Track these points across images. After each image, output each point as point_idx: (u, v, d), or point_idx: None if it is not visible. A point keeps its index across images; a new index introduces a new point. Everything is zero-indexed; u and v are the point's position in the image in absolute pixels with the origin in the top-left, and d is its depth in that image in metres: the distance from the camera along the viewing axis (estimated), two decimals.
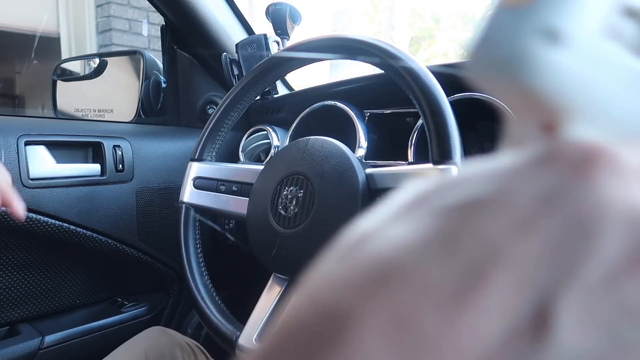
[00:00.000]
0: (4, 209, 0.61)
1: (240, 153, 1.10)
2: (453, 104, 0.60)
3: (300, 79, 1.17)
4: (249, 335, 0.61)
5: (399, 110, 0.94)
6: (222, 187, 0.74)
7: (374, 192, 0.58)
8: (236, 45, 1.05)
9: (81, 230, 0.90)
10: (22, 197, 0.82)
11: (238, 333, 0.62)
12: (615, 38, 0.15)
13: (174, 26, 1.09)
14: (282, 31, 1.03)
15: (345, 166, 0.60)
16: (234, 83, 1.00)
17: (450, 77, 0.75)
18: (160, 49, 1.16)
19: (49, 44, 3.35)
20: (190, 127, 1.14)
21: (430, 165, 0.55)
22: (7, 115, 0.94)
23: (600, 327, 0.11)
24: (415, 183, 0.15)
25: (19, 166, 0.83)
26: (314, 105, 1.00)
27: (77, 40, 3.42)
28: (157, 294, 1.09)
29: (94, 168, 0.94)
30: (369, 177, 0.59)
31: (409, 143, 0.86)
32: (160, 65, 1.19)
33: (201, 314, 0.67)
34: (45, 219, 0.86)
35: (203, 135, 0.76)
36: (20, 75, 3.36)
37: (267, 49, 1.04)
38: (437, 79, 0.58)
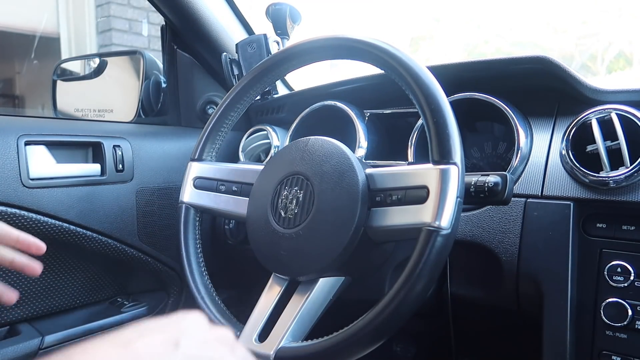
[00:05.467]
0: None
1: (240, 153, 1.10)
2: (453, 104, 0.60)
3: (300, 79, 1.17)
4: (249, 335, 0.61)
5: (399, 110, 0.94)
6: (222, 187, 0.74)
7: (373, 192, 0.58)
8: (236, 45, 1.05)
9: (81, 230, 0.90)
10: (22, 197, 0.83)
11: (238, 333, 0.62)
12: None
13: (174, 26, 1.09)
14: (282, 31, 1.03)
15: (345, 166, 0.60)
16: (234, 83, 1.00)
17: (450, 77, 0.76)
18: (160, 49, 1.16)
19: (49, 44, 3.35)
20: (190, 127, 1.14)
21: (430, 165, 0.54)
22: (7, 115, 0.94)
23: None
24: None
25: (19, 166, 0.83)
26: (314, 105, 1.00)
27: (77, 40, 3.42)
28: (157, 294, 1.09)
29: (94, 168, 0.94)
30: (369, 177, 0.59)
31: (409, 143, 0.86)
32: (160, 65, 1.19)
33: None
34: (45, 219, 0.85)
35: (203, 135, 0.76)
36: (20, 75, 3.36)
37: (267, 49, 1.04)
38: (437, 79, 0.58)
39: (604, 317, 0.66)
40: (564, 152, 0.71)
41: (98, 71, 1.23)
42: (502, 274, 0.73)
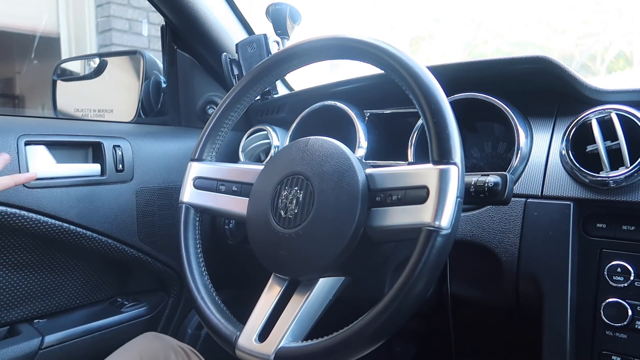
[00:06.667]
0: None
1: (240, 153, 1.10)
2: (453, 104, 0.60)
3: (300, 79, 1.17)
4: (249, 335, 0.61)
5: (399, 110, 0.94)
6: (222, 187, 0.74)
7: (373, 192, 0.58)
8: (236, 45, 1.05)
9: (81, 230, 0.90)
10: (22, 197, 0.83)
11: (238, 333, 0.62)
12: None
13: (174, 26, 1.09)
14: (282, 31, 1.03)
15: (345, 166, 0.60)
16: (234, 83, 1.00)
17: (450, 77, 0.76)
18: (160, 49, 1.16)
19: (49, 44, 3.35)
20: (190, 127, 1.14)
21: (430, 165, 0.54)
22: (7, 115, 0.94)
23: None
24: None
25: (19, 166, 0.83)
26: (314, 105, 1.00)
27: (77, 40, 3.42)
28: (157, 294, 1.09)
29: (94, 168, 0.94)
30: (368, 177, 0.59)
31: (409, 143, 0.86)
32: (160, 65, 1.19)
33: (201, 314, 0.67)
34: (45, 219, 0.85)
35: (203, 135, 0.76)
36: (20, 75, 3.36)
37: (267, 49, 1.04)
38: (437, 79, 0.58)
39: (604, 317, 0.67)
40: (564, 152, 0.71)
41: (98, 71, 1.23)
42: (502, 274, 0.73)
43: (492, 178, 0.57)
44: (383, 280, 0.72)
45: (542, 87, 0.80)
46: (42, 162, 0.88)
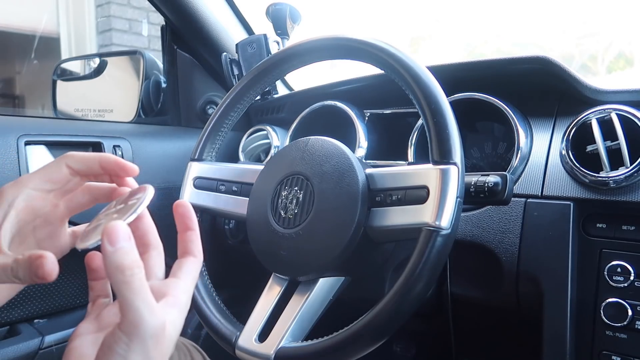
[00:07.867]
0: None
1: (240, 153, 1.10)
2: (453, 104, 0.60)
3: (300, 79, 1.17)
4: (249, 335, 0.61)
5: (399, 110, 0.94)
6: (222, 187, 0.74)
7: (374, 192, 0.58)
8: (236, 45, 1.05)
9: None
10: None
11: (238, 333, 0.62)
12: None
13: (174, 26, 1.09)
14: (282, 31, 1.03)
15: (345, 166, 0.60)
16: (234, 83, 1.00)
17: (450, 77, 0.75)
18: (160, 49, 1.16)
19: (49, 44, 3.35)
20: (190, 127, 1.14)
21: (430, 165, 0.54)
22: (7, 115, 0.94)
23: None
24: None
25: (19, 166, 0.83)
26: (314, 105, 1.00)
27: (77, 40, 3.42)
28: None
29: None
30: (368, 177, 0.59)
31: (409, 143, 0.86)
32: (160, 65, 1.19)
33: (201, 314, 0.67)
34: None
35: (203, 135, 0.76)
36: (20, 75, 3.36)
37: (267, 49, 1.04)
38: (437, 79, 0.58)
39: (604, 317, 0.66)
40: (564, 152, 0.71)
41: (98, 71, 1.23)
42: (502, 274, 0.73)
43: (492, 178, 0.57)
44: (383, 280, 0.72)
45: (542, 87, 0.80)
46: (42, 162, 0.87)
